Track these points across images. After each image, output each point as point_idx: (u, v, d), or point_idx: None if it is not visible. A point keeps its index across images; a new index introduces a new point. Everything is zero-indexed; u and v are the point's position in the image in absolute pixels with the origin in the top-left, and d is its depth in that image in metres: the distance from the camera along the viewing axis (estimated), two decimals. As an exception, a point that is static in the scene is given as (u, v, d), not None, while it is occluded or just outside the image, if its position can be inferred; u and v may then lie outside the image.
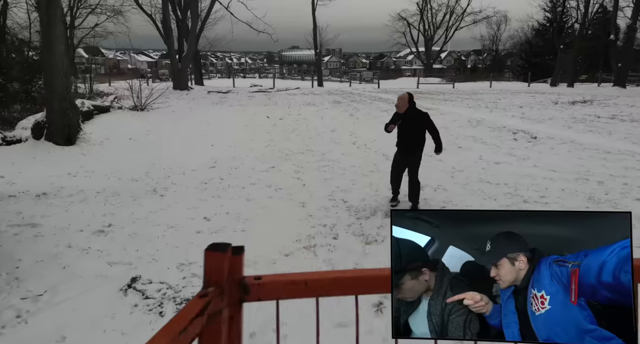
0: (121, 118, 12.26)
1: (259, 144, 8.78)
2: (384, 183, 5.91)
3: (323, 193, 5.47)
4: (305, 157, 7.69)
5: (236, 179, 6.04)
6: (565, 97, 20.42)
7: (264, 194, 5.37)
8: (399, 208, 5.25)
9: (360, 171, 6.65)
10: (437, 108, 15.19)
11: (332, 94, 24.79)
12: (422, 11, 53.05)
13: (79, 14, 39.98)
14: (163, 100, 18.76)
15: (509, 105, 16.41)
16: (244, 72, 62.14)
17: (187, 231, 4.15)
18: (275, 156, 7.72)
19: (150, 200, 5.01)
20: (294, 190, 5.60)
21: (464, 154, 7.75)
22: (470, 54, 77.90)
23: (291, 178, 6.19)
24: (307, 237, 4.04)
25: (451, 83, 34.92)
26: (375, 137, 9.37)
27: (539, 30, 45.59)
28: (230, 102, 18.93)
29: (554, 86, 33.19)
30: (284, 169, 6.74)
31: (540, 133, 9.67)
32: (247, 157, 7.58)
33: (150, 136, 9.47)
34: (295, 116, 13.90)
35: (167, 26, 20.39)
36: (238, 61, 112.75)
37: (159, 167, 6.62)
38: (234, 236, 4.02)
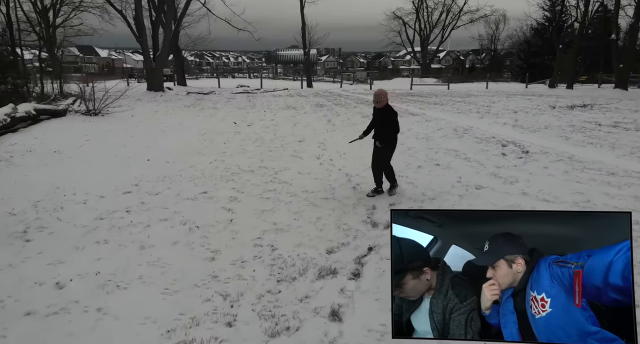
0: (68, 124, 11.03)
1: (206, 159, 7.54)
2: (333, 219, 4.70)
3: (250, 235, 4.25)
4: (254, 177, 6.46)
5: (146, 213, 4.80)
6: (563, 101, 19.20)
7: (169, 238, 4.13)
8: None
9: (312, 198, 5.43)
10: (423, 114, 13.96)
11: (319, 95, 23.55)
12: (418, 10, 51.77)
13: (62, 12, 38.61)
14: (133, 102, 17.54)
15: (502, 110, 15.19)
16: (233, 72, 60.65)
17: (14, 309, 2.91)
18: (217, 175, 6.49)
19: (6, 248, 3.77)
20: (214, 230, 4.37)
21: (441, 174, 6.52)
22: (469, 54, 76.56)
23: (220, 209, 4.96)
24: (190, 321, 2.81)
25: (447, 84, 33.65)
26: (346, 150, 8.17)
27: (537, 30, 44.37)
28: (205, 104, 17.69)
29: (552, 87, 31.98)
30: (218, 195, 5.51)
31: (533, 146, 8.44)
32: (180, 177, 6.34)
33: (83, 148, 8.23)
34: (267, 121, 12.67)
35: (140, 23, 19.10)
36: (236, 60, 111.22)
37: (60, 192, 5.39)
38: (76, 323, 2.79)
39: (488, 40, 60.39)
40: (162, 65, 20.88)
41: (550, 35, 39.09)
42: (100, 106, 12.41)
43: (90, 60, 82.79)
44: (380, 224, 4.55)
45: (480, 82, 42.82)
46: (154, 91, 19.71)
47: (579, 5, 31.41)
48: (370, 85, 35.24)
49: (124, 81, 30.10)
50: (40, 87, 18.42)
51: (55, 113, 13.50)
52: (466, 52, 77.93)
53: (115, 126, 10.98)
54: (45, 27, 37.58)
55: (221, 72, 58.22)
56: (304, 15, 30.98)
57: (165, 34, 19.49)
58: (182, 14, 20.76)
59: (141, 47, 19.83)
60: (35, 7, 31.99)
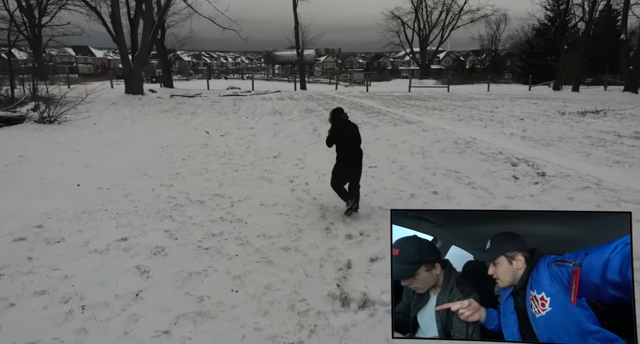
0: (11, 134, 9.65)
1: (150, 183, 6.16)
2: (288, 289, 3.33)
3: (156, 324, 2.87)
4: (201, 211, 5.08)
5: (22, 278, 3.40)
6: (572, 105, 17.82)
7: (29, 332, 2.76)
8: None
9: (267, 249, 4.07)
10: (420, 121, 12.58)
11: (311, 99, 22.16)
12: (417, 9, 50.41)
13: (49, 10, 37.21)
14: (106, 107, 16.11)
15: (507, 116, 13.82)
16: (228, 73, 59.08)
17: None
18: (154, 209, 5.10)
19: None
20: (106, 314, 2.98)
21: (440, 206, 5.14)
22: (469, 55, 75.15)
23: (131, 272, 3.58)
24: None
25: (446, 86, 32.26)
26: (326, 169, 6.79)
27: (539, 30, 43.03)
28: (184, 109, 16.29)
29: (557, 89, 30.61)
30: (141, 243, 4.12)
31: (549, 166, 7.06)
32: (104, 212, 4.95)
33: (8, 168, 6.84)
34: (245, 130, 11.29)
35: (117, 22, 17.67)
36: (234, 61, 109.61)
37: None
38: None
39: (489, 41, 59.10)
40: (141, 67, 19.44)
41: (552, 36, 37.76)
42: (57, 113, 11.01)
43: (86, 61, 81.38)
44: (354, 300, 3.17)
45: (481, 83, 41.50)
46: (132, 93, 18.30)
47: (585, 3, 30.01)
48: (367, 87, 33.85)
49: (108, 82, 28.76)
50: (10, 90, 17.06)
51: (9, 120, 12.11)
52: (466, 52, 76.55)
53: (67, 136, 9.59)
54: (30, 26, 36.25)
55: (215, 73, 56.79)
56: (296, 14, 29.59)
57: (144, 33, 18.07)
58: (162, 12, 19.32)
59: (118, 47, 18.38)
60: (20, 5, 30.61)
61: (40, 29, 36.99)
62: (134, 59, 18.59)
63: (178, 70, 65.12)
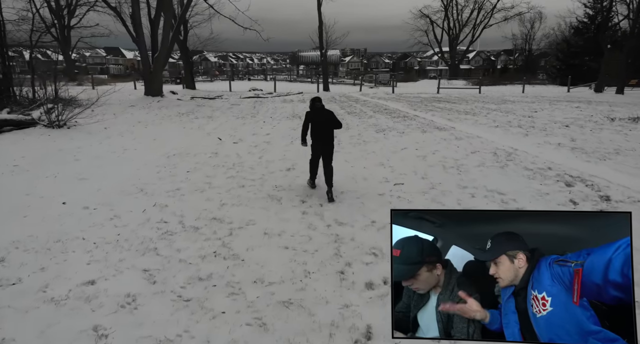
0: (17, 139, 9.21)
1: (144, 202, 5.42)
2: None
3: None
4: (192, 242, 4.28)
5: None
6: (620, 110, 16.20)
7: None
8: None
9: (264, 302, 3.23)
10: (452, 127, 11.45)
11: (333, 101, 21.25)
12: (447, 7, 48.61)
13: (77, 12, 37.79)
14: (123, 109, 15.75)
15: (549, 122, 12.50)
16: (252, 74, 58.84)
17: None
18: (138, 237, 4.34)
19: None
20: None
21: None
22: (500, 54, 72.31)
23: (78, 336, 2.79)
24: None
25: (477, 87, 30.64)
26: (347, 186, 5.94)
27: (578, 28, 40.54)
28: (201, 112, 15.71)
29: (599, 91, 28.51)
30: (109, 291, 3.34)
31: (612, 187, 5.91)
32: (80, 241, 4.21)
33: (-5, 181, 6.27)
34: (261, 136, 10.52)
35: (137, 22, 17.31)
36: (260, 62, 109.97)
37: None
38: None
39: (522, 40, 56.46)
40: (160, 68, 19.05)
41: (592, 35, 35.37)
42: (67, 117, 10.55)
43: (117, 62, 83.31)
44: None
45: (514, 84, 39.49)
46: (152, 95, 17.92)
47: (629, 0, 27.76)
48: (393, 88, 32.64)
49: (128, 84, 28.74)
50: (31, 92, 16.97)
51: (20, 124, 11.79)
52: (497, 52, 73.72)
53: (72, 143, 9.06)
54: (59, 27, 36.92)
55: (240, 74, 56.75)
56: (321, 13, 28.72)
57: (164, 34, 17.65)
58: (183, 12, 18.86)
59: (138, 48, 18.06)
60: (49, 6, 31.10)
61: (69, 31, 37.73)
62: (154, 60, 18.21)
63: (204, 71, 65.56)
